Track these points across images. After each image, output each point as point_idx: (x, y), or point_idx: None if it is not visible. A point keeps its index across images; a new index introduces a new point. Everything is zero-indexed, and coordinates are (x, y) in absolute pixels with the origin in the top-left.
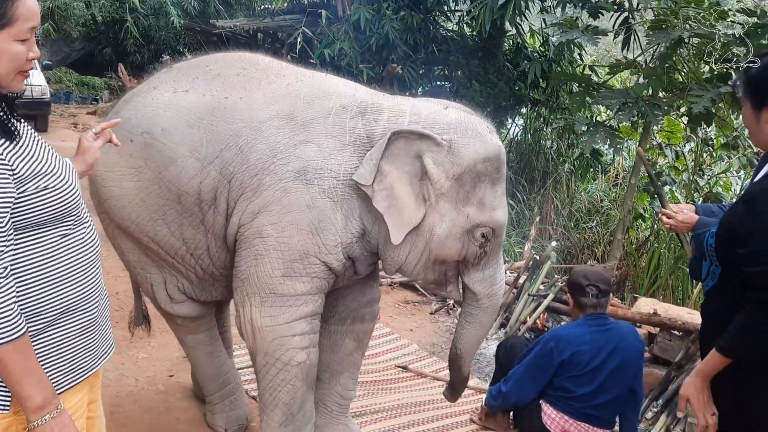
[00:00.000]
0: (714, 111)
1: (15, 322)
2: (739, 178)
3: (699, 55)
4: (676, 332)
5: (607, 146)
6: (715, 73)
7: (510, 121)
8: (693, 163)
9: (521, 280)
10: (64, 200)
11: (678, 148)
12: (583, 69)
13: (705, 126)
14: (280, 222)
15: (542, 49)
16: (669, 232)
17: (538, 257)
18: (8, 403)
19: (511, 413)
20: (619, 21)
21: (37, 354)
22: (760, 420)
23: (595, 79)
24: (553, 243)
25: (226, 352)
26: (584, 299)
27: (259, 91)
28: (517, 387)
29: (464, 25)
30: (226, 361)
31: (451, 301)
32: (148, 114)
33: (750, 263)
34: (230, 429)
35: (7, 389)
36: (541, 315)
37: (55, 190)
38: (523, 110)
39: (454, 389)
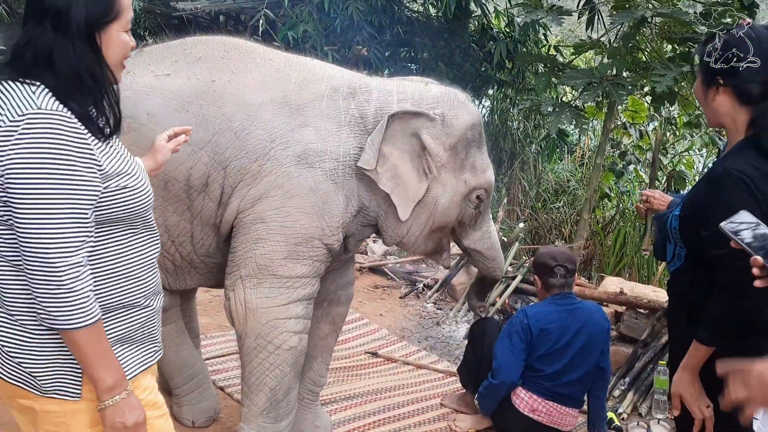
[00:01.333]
0: (677, 90)
1: (93, 308)
2: (701, 156)
3: (662, 35)
4: (641, 310)
5: (572, 126)
6: (678, 52)
7: (477, 102)
8: (656, 141)
9: None
10: (140, 201)
11: (642, 128)
12: (548, 49)
13: (668, 105)
14: (283, 207)
15: (508, 30)
16: (634, 212)
17: (506, 239)
18: (79, 391)
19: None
20: (583, 1)
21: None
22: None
23: (561, 59)
24: (521, 224)
25: (193, 343)
26: (552, 279)
27: (248, 74)
28: (504, 371)
29: (429, 6)
30: (192, 353)
31: (421, 285)
32: (128, 99)
33: (715, 245)
34: (198, 421)
35: (79, 378)
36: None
37: (132, 190)
38: (490, 91)
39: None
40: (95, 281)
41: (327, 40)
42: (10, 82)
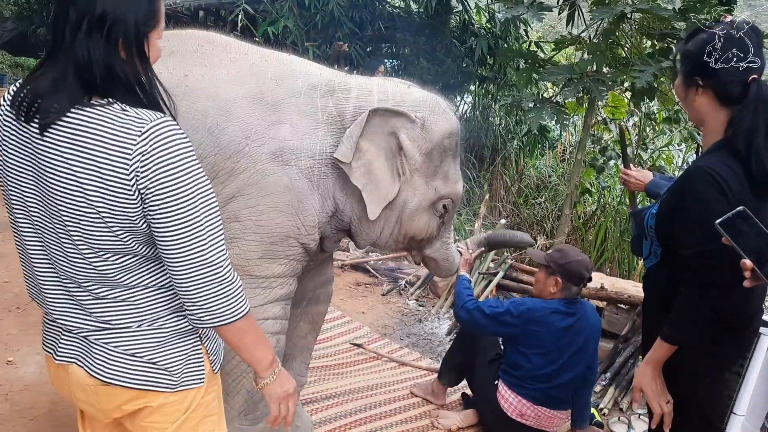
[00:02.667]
0: (656, 86)
1: (245, 296)
2: (680, 151)
3: (641, 31)
4: (622, 305)
5: (553, 122)
6: (657, 48)
7: (458, 98)
8: (636, 137)
9: None
10: None
11: (622, 123)
12: (529, 45)
13: (648, 100)
14: (258, 205)
15: (489, 26)
16: (615, 207)
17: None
18: (203, 378)
19: (462, 394)
20: None
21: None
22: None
23: (542, 55)
24: (502, 221)
25: None
26: (575, 288)
27: (222, 69)
28: (485, 318)
29: (411, 1)
30: None
31: (403, 282)
32: None
33: (684, 245)
34: None
35: (201, 366)
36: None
37: None
38: (472, 87)
39: None
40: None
41: (307, 36)
42: (99, 109)
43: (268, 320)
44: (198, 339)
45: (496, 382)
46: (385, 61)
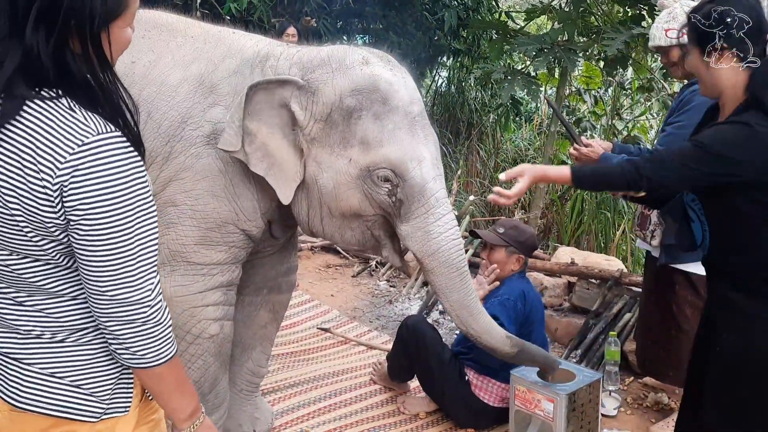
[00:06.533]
0: (627, 53)
1: (173, 338)
2: (658, 121)
3: None
4: (593, 280)
5: (524, 93)
6: (629, 15)
7: (430, 72)
8: (610, 107)
9: None
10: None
11: (597, 93)
12: (500, 16)
13: (621, 70)
14: (193, 189)
15: None
16: None
17: (456, 213)
18: (129, 406)
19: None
20: None
21: None
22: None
23: (513, 25)
24: (471, 197)
25: None
26: (530, 258)
27: (169, 55)
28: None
29: None
30: None
31: (374, 263)
32: None
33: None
34: None
35: (128, 388)
36: None
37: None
38: (448, 62)
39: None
40: None
41: (274, 12)
42: (40, 102)
43: (208, 307)
44: None
45: (466, 378)
46: (356, 36)
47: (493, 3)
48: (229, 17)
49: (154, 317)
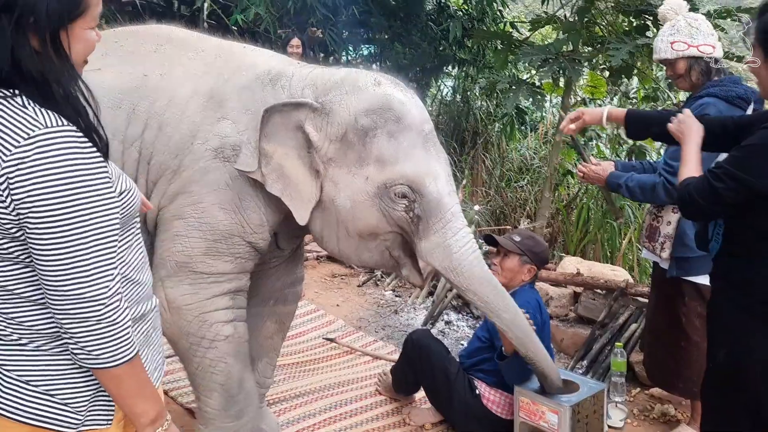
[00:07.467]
0: (632, 63)
1: (133, 340)
2: None
3: (617, 8)
4: (599, 291)
5: (530, 103)
6: (634, 25)
7: (436, 82)
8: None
9: None
10: (136, 200)
11: (602, 103)
12: (505, 26)
13: (626, 79)
14: (201, 202)
15: (466, 7)
16: (598, 188)
17: None
18: (111, 418)
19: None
20: None
21: None
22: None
23: (518, 35)
24: (477, 207)
25: None
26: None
27: (180, 68)
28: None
29: None
30: None
31: (379, 272)
32: None
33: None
34: None
35: (109, 403)
36: None
37: (129, 191)
38: (453, 71)
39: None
40: None
41: (280, 23)
42: None
43: (218, 311)
44: None
45: (477, 391)
46: (362, 46)
47: (498, 13)
48: (236, 28)
49: (109, 316)
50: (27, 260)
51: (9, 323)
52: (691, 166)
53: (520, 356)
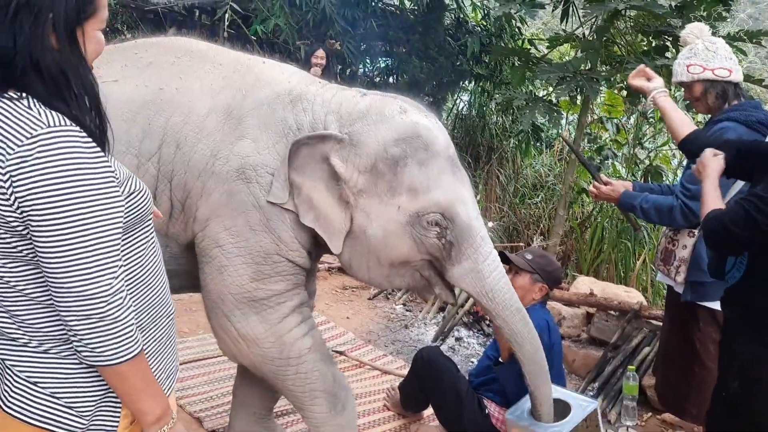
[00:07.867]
0: None
1: (137, 337)
2: (679, 152)
3: (636, 28)
4: (612, 312)
5: (546, 120)
6: (653, 45)
7: (452, 96)
8: (633, 136)
9: None
10: (147, 201)
11: (619, 122)
12: (523, 43)
13: (644, 99)
14: (234, 226)
15: (484, 23)
16: (613, 206)
17: None
18: (118, 420)
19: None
20: None
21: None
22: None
23: (536, 52)
24: (490, 224)
25: None
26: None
27: (197, 82)
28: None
29: None
30: None
31: None
32: None
33: None
34: None
35: (116, 406)
36: None
37: (139, 192)
38: (470, 86)
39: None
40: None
41: (299, 35)
42: (5, 100)
43: (292, 330)
44: None
45: (486, 410)
46: (379, 59)
47: (517, 30)
48: (255, 38)
49: (112, 313)
50: (36, 260)
51: (20, 326)
52: (712, 200)
53: (517, 364)
